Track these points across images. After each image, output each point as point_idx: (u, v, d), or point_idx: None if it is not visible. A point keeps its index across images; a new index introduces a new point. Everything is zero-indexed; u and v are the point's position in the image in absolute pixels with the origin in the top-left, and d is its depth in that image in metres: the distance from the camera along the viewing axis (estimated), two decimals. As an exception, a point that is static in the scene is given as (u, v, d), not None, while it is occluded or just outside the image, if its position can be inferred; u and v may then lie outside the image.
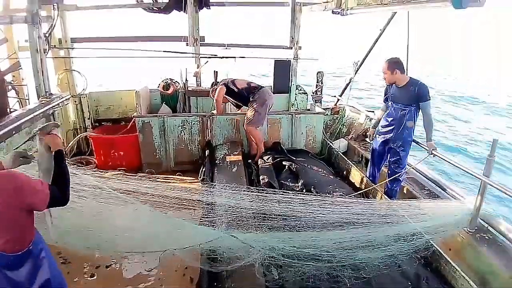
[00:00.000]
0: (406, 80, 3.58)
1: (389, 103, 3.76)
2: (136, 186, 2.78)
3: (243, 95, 4.74)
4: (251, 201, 2.82)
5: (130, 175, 2.99)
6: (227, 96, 4.85)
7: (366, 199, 3.67)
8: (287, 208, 2.74)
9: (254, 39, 6.05)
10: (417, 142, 3.67)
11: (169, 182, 2.94)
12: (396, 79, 3.59)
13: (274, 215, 2.71)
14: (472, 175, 2.82)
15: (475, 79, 18.69)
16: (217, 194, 2.97)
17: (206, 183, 3.51)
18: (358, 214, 2.71)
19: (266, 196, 2.84)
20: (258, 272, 2.37)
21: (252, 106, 4.62)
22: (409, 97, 3.56)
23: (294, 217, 2.70)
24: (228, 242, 2.40)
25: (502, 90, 16.03)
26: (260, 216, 2.79)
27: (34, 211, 1.67)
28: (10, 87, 4.24)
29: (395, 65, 3.57)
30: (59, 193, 1.70)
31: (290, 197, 2.86)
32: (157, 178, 2.90)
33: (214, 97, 4.81)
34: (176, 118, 4.81)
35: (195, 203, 2.83)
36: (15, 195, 1.51)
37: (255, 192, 2.96)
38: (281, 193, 2.96)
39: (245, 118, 4.67)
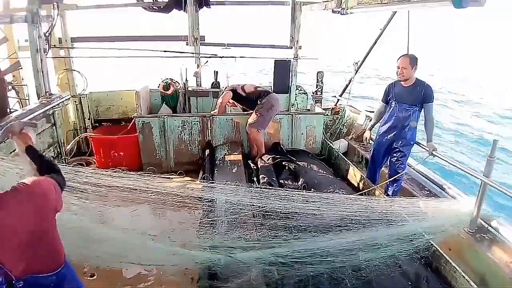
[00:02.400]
0: (414, 79, 3.58)
1: (392, 103, 3.75)
2: (137, 182, 2.76)
3: (251, 99, 4.74)
4: (252, 198, 2.81)
5: (131, 174, 2.97)
6: (235, 102, 4.87)
7: (366, 197, 3.66)
8: (288, 205, 2.73)
9: (255, 38, 6.06)
10: (418, 143, 3.67)
11: (170, 181, 2.91)
12: (411, 76, 3.55)
13: (275, 213, 2.71)
14: (472, 175, 2.82)
15: (477, 78, 18.73)
16: (218, 191, 2.96)
17: (207, 181, 3.51)
18: (359, 212, 2.70)
19: (267, 194, 2.83)
20: (258, 272, 2.37)
21: (258, 110, 4.63)
22: (415, 97, 3.55)
23: (295, 214, 2.69)
24: (226, 260, 2.40)
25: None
26: (261, 215, 2.79)
27: None
28: (10, 87, 4.24)
29: (416, 61, 3.54)
30: (57, 177, 1.58)
31: (291, 195, 2.85)
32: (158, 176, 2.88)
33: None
34: (176, 119, 4.81)
35: (196, 201, 2.82)
36: (44, 200, 1.36)
37: (256, 189, 2.95)
38: (282, 190, 2.95)
39: (249, 120, 4.68)
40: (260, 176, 4.09)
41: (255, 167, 4.49)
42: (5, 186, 1.95)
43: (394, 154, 3.80)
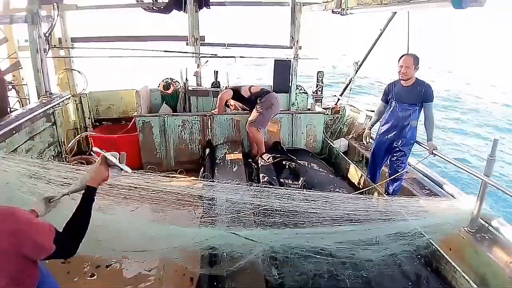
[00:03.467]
0: (414, 79, 3.58)
1: (392, 103, 3.75)
2: (137, 181, 2.76)
3: (251, 99, 4.76)
4: (253, 197, 2.81)
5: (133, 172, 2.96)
6: (236, 102, 4.89)
7: (366, 196, 3.65)
8: (288, 204, 2.72)
9: (255, 38, 6.06)
10: (418, 142, 3.67)
11: (171, 180, 2.91)
12: (412, 75, 3.55)
13: (276, 211, 2.71)
14: (473, 175, 2.81)
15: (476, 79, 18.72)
16: (218, 190, 2.95)
17: (207, 180, 3.51)
18: (359, 211, 2.70)
19: (267, 192, 2.82)
20: (258, 271, 2.37)
21: (258, 108, 4.63)
22: (415, 97, 3.55)
23: (295, 212, 2.69)
24: (228, 239, 2.39)
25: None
26: (261, 213, 2.79)
27: None
28: (10, 86, 4.24)
29: (418, 61, 3.53)
30: (68, 244, 1.42)
31: (291, 193, 2.84)
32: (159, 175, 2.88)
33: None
34: (176, 118, 4.82)
35: (196, 199, 2.82)
36: (8, 240, 1.24)
37: (256, 188, 2.94)
38: (282, 189, 2.94)
39: (248, 118, 4.68)
40: (261, 175, 4.09)
41: (255, 166, 4.49)
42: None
43: (394, 154, 3.79)
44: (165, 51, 4.99)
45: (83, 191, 1.60)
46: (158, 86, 5.45)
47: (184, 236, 2.42)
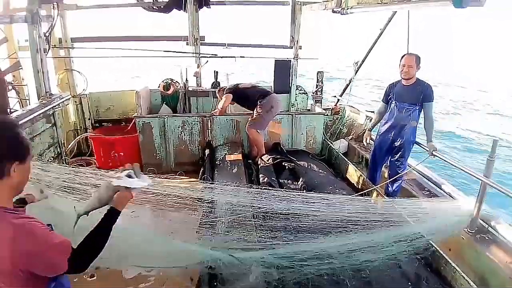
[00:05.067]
0: (415, 79, 3.59)
1: (392, 103, 3.75)
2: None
3: (251, 100, 4.75)
4: (252, 199, 2.80)
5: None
6: (236, 103, 4.88)
7: (366, 198, 3.65)
8: (288, 206, 2.72)
9: (255, 37, 6.06)
10: (418, 143, 3.67)
11: (170, 182, 2.91)
12: (414, 75, 3.56)
13: (275, 214, 2.71)
14: (473, 175, 2.81)
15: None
16: (218, 192, 2.95)
17: (207, 182, 3.50)
18: (359, 213, 2.70)
19: (267, 194, 2.82)
20: (258, 272, 2.37)
21: (257, 110, 4.62)
22: (415, 97, 3.56)
23: (295, 215, 2.69)
24: (227, 259, 2.40)
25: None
26: (261, 215, 2.79)
27: None
28: (10, 87, 4.24)
29: (420, 61, 3.54)
30: (81, 263, 1.36)
31: (291, 195, 2.84)
32: (159, 177, 2.87)
33: (220, 98, 4.83)
34: (176, 119, 4.81)
35: (195, 202, 2.82)
36: (20, 260, 1.21)
37: (256, 190, 2.94)
38: (282, 191, 2.94)
39: (248, 120, 4.67)
40: (260, 176, 4.08)
41: (255, 167, 4.48)
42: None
43: (394, 154, 3.80)
44: (165, 51, 4.99)
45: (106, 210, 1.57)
46: (158, 87, 5.45)
47: (183, 255, 2.42)
